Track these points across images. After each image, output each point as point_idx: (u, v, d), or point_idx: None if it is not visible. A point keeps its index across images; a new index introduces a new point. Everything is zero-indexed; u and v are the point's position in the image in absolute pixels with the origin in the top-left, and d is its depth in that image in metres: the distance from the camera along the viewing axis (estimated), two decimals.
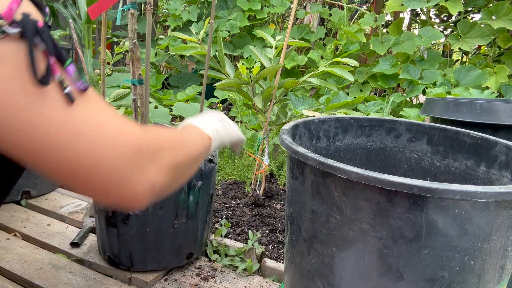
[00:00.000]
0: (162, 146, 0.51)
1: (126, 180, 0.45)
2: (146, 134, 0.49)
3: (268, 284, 1.05)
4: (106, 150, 0.44)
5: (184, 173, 0.58)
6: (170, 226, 1.01)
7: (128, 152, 0.45)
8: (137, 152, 0.46)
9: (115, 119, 0.46)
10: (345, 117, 0.94)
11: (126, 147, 0.45)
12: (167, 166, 0.50)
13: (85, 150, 0.42)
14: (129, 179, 0.45)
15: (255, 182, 1.53)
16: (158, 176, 0.49)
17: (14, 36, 0.39)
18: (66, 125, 0.41)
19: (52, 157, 0.42)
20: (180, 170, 0.54)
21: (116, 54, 1.73)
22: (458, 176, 0.84)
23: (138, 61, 0.92)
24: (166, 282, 1.03)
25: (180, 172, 0.55)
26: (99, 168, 0.43)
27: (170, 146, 0.53)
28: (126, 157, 0.45)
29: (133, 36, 0.89)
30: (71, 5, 3.36)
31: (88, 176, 0.43)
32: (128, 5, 0.88)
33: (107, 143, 0.44)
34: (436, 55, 2.81)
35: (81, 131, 0.42)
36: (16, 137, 0.40)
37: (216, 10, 3.39)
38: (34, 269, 1.04)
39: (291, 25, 1.32)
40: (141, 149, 0.47)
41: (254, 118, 2.25)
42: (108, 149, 0.44)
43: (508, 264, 0.58)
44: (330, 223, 0.60)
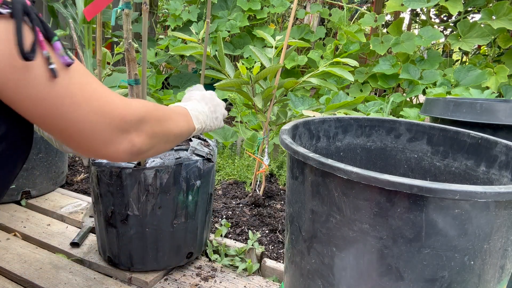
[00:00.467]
0: (144, 117, 0.60)
1: (112, 140, 0.55)
2: (131, 104, 0.59)
3: (268, 284, 1.05)
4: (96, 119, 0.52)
5: (163, 143, 0.68)
6: (169, 226, 1.01)
7: (114, 119, 0.54)
8: (122, 119, 0.55)
9: (102, 91, 0.54)
10: (345, 117, 0.94)
11: (112, 115, 0.54)
12: (146, 133, 0.61)
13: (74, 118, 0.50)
14: (114, 140, 0.55)
15: (255, 182, 1.53)
16: (137, 139, 0.59)
17: (5, 15, 0.43)
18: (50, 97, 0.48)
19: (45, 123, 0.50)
20: (158, 139, 0.65)
21: (116, 54, 1.73)
22: (458, 176, 0.84)
23: (134, 61, 0.91)
24: (166, 282, 1.03)
25: (158, 141, 0.65)
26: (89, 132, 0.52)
27: (152, 119, 0.63)
28: (113, 123, 0.54)
29: (128, 36, 0.89)
30: (71, 5, 3.36)
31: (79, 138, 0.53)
32: (123, 5, 0.88)
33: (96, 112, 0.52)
34: (436, 55, 2.81)
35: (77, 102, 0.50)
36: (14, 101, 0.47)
37: (216, 10, 3.39)
38: (34, 269, 1.04)
39: (291, 25, 1.32)
40: (125, 117, 0.56)
41: (254, 118, 2.25)
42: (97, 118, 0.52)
43: (508, 264, 0.58)
44: (330, 223, 0.60)
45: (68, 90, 0.49)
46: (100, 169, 0.96)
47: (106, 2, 0.89)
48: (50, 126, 0.50)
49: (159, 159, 0.97)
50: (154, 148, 0.65)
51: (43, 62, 0.46)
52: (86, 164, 0.99)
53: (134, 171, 0.93)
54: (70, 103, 0.49)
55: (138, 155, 0.61)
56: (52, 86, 0.47)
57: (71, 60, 0.49)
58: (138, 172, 0.94)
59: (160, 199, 0.97)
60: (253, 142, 1.88)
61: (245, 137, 1.93)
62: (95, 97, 0.52)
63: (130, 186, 0.95)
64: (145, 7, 0.88)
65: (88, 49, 3.06)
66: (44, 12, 3.43)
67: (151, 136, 0.62)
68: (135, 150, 0.59)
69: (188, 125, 0.79)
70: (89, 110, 0.51)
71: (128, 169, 0.93)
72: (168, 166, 0.96)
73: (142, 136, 0.60)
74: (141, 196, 0.95)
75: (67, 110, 0.49)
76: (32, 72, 0.45)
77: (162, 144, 0.68)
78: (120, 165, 0.94)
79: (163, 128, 0.67)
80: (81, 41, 3.21)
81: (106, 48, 1.64)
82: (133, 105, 0.60)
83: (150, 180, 0.95)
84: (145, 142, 0.61)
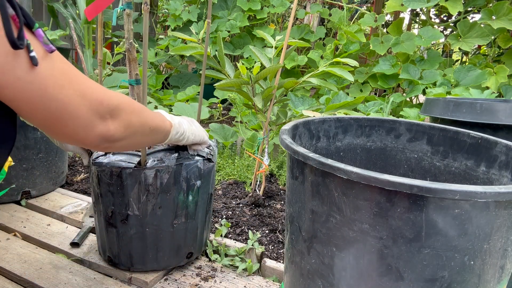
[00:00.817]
0: (120, 105, 0.63)
1: (90, 123, 0.57)
2: (109, 92, 0.61)
3: (268, 284, 1.05)
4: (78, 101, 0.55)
5: (138, 135, 0.70)
6: (170, 226, 1.01)
7: (93, 102, 0.57)
8: (100, 103, 0.58)
9: (82, 76, 0.57)
10: (345, 117, 0.94)
11: (91, 97, 0.57)
12: (121, 121, 0.63)
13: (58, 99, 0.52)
14: (92, 123, 0.58)
15: (255, 182, 1.53)
16: (112, 127, 0.61)
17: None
18: (35, 82, 0.49)
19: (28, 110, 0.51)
20: (133, 129, 0.67)
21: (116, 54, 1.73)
22: (458, 176, 0.84)
23: (135, 61, 0.92)
24: (166, 282, 1.03)
25: (133, 132, 0.67)
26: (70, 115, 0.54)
27: (128, 109, 0.65)
28: (92, 106, 0.57)
29: (129, 36, 0.89)
30: (71, 5, 3.36)
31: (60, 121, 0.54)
32: (124, 5, 0.88)
33: (78, 94, 0.55)
34: (436, 55, 2.81)
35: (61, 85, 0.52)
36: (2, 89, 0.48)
37: (216, 10, 3.38)
38: (34, 269, 1.04)
39: (291, 25, 1.32)
40: (103, 101, 0.59)
41: (254, 118, 2.25)
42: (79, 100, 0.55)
43: (508, 264, 0.58)
44: (330, 223, 0.60)
45: (52, 75, 0.51)
46: (100, 169, 0.96)
47: (107, 2, 0.89)
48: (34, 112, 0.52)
49: (161, 159, 0.97)
50: (129, 138, 0.67)
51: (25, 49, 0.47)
52: (86, 164, 0.99)
53: (135, 171, 0.93)
54: (54, 86, 0.51)
55: (112, 142, 0.62)
56: (35, 72, 0.49)
57: (54, 47, 0.51)
58: (139, 172, 0.94)
59: (160, 199, 0.97)
60: (253, 142, 1.88)
61: (245, 137, 1.94)
62: (76, 81, 0.55)
63: (131, 186, 0.95)
64: (146, 7, 0.88)
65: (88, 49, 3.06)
66: (44, 12, 3.44)
67: (126, 125, 0.65)
68: (109, 135, 0.61)
69: (164, 122, 0.81)
70: (72, 92, 0.53)
71: (128, 169, 0.93)
72: (169, 166, 0.96)
73: (117, 123, 0.62)
74: (142, 196, 0.95)
75: (52, 93, 0.51)
76: (17, 60, 0.46)
77: (137, 136, 0.70)
78: (121, 165, 0.94)
79: (139, 119, 0.69)
80: (81, 41, 3.21)
81: (106, 48, 1.64)
82: (110, 93, 0.62)
83: (151, 180, 0.95)
84: (120, 129, 0.63)
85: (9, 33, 0.44)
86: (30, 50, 0.47)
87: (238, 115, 2.22)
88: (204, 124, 2.68)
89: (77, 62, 3.49)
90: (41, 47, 0.50)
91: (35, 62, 0.48)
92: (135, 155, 0.97)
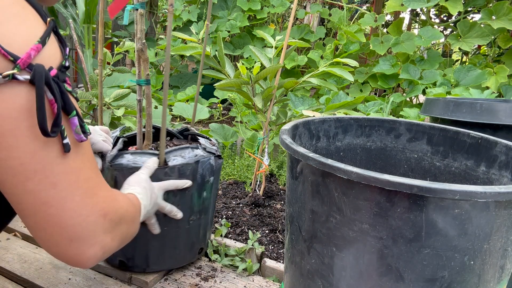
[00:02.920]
0: (122, 218, 0.56)
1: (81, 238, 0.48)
2: (115, 201, 0.54)
3: (268, 284, 1.05)
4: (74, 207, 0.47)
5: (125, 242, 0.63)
6: (186, 223, 1.02)
7: (95, 214, 0.49)
8: (102, 216, 0.50)
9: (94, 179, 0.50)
10: (345, 117, 0.94)
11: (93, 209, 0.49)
12: (120, 235, 0.56)
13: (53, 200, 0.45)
14: (87, 237, 0.49)
15: (255, 182, 1.53)
16: (111, 242, 0.53)
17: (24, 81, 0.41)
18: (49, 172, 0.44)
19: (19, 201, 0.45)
20: (125, 241, 0.61)
21: (116, 54, 1.73)
22: (458, 176, 0.84)
23: (147, 61, 0.92)
24: (166, 282, 1.03)
25: (124, 242, 0.61)
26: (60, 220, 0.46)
27: (127, 220, 0.59)
28: (91, 218, 0.49)
29: (141, 36, 0.89)
30: (71, 5, 3.36)
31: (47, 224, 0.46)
32: (137, 4, 0.89)
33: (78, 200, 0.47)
34: (436, 55, 2.81)
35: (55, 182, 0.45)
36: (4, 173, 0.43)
37: (216, 10, 3.39)
38: (34, 269, 1.04)
39: (291, 25, 1.32)
40: (107, 214, 0.51)
41: (254, 118, 2.25)
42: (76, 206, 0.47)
43: (508, 264, 0.58)
44: (330, 223, 0.60)
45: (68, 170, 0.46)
46: (120, 171, 0.92)
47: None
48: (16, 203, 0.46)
49: (181, 157, 0.97)
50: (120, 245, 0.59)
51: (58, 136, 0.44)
52: (101, 168, 0.96)
53: (157, 171, 0.93)
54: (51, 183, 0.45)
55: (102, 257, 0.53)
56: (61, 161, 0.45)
57: (85, 138, 0.47)
58: (161, 171, 0.93)
59: (179, 197, 0.97)
60: (253, 142, 1.88)
61: (245, 137, 1.94)
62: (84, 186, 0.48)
63: None
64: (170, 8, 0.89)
65: (88, 49, 3.06)
66: None
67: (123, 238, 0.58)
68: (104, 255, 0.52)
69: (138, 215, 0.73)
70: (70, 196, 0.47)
71: (135, 165, 0.92)
72: (189, 164, 0.96)
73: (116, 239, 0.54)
74: (163, 195, 0.96)
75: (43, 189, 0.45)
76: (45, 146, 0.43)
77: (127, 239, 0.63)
78: (138, 164, 0.92)
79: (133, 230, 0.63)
80: (81, 41, 3.21)
81: (106, 48, 1.64)
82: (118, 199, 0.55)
83: (173, 178, 0.95)
84: (116, 246, 0.55)
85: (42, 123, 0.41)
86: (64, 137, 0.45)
87: (238, 115, 2.22)
88: (204, 124, 2.69)
89: (77, 62, 3.49)
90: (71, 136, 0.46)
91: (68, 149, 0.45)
92: (153, 154, 0.96)
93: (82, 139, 0.47)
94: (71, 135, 0.46)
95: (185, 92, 2.83)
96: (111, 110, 1.62)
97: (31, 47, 0.41)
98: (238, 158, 1.88)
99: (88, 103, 1.64)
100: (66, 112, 0.45)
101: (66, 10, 3.30)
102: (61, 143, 0.45)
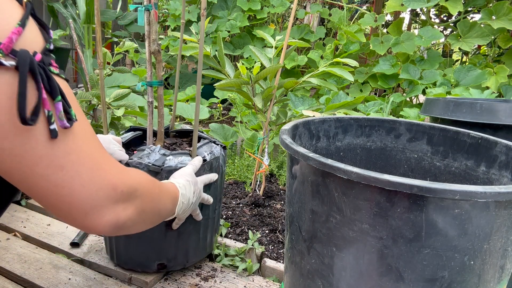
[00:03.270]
0: (137, 191, 0.57)
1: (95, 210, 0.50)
2: (125, 175, 0.55)
3: (268, 284, 1.05)
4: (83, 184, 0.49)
5: (148, 220, 0.64)
6: (213, 212, 1.06)
7: (103, 187, 0.50)
8: (112, 188, 0.51)
9: (97, 155, 0.51)
10: (345, 117, 0.94)
11: (102, 183, 0.50)
12: (135, 208, 0.56)
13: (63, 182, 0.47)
14: (98, 210, 0.51)
15: (255, 182, 1.53)
16: (124, 213, 0.54)
17: (10, 67, 0.40)
18: (48, 158, 0.45)
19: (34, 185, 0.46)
20: (144, 216, 0.61)
21: (116, 54, 1.73)
22: (458, 176, 0.84)
23: (161, 62, 0.94)
24: (166, 282, 1.03)
25: (144, 218, 0.61)
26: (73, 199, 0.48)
27: (144, 194, 0.59)
28: (101, 191, 0.50)
29: (156, 37, 0.90)
30: (71, 5, 3.36)
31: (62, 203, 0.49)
32: (148, 5, 0.90)
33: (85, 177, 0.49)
34: (436, 55, 2.81)
35: (61, 165, 0.47)
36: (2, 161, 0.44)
37: (216, 10, 3.38)
38: (34, 269, 1.04)
39: (291, 25, 1.32)
40: (117, 186, 0.52)
41: (254, 118, 2.25)
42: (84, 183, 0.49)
43: (508, 264, 0.58)
44: (330, 223, 0.60)
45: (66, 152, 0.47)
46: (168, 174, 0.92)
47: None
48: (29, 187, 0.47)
49: (210, 153, 1.01)
50: (136, 226, 0.60)
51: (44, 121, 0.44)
52: None
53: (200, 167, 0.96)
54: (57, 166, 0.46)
55: (120, 230, 0.56)
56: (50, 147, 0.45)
57: (68, 124, 0.47)
58: (202, 167, 0.96)
59: (213, 188, 1.02)
60: (253, 142, 1.88)
61: (245, 137, 1.94)
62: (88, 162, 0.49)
63: None
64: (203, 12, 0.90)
65: (88, 49, 3.06)
66: (44, 12, 3.44)
67: (139, 212, 0.58)
68: (120, 224, 0.54)
69: (172, 209, 0.77)
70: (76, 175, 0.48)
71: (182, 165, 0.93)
72: (217, 157, 1.02)
73: (130, 210, 0.56)
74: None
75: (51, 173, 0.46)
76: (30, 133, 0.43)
77: (147, 223, 0.64)
78: (186, 163, 0.93)
79: (154, 207, 0.64)
80: (81, 41, 3.21)
81: (106, 48, 1.64)
82: (130, 173, 0.57)
83: (207, 172, 0.99)
84: (132, 217, 0.56)
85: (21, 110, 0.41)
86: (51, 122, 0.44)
87: (238, 115, 2.22)
88: (204, 124, 2.69)
89: (77, 62, 3.49)
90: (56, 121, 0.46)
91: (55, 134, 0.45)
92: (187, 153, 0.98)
93: (65, 125, 0.46)
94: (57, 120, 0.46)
95: (185, 92, 2.83)
96: (111, 110, 1.62)
97: (11, 30, 0.40)
98: (238, 158, 1.88)
99: (88, 103, 1.64)
100: (52, 96, 0.45)
101: (66, 10, 3.30)
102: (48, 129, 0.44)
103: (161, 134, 1.03)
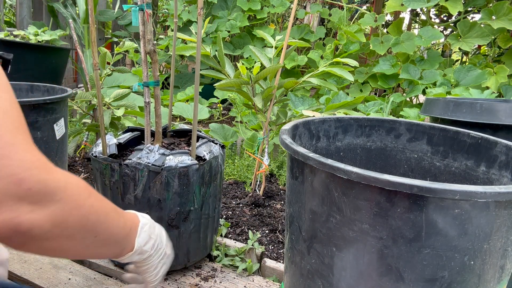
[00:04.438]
0: (56, 195, 0.44)
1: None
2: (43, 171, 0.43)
3: (268, 284, 1.05)
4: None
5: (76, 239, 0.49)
6: (213, 211, 1.07)
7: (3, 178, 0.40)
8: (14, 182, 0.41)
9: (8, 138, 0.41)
10: (345, 117, 0.94)
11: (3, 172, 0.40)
12: (49, 215, 0.44)
13: None
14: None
15: (255, 182, 1.53)
16: (29, 216, 0.42)
17: None
18: None
19: None
20: (67, 231, 0.47)
21: (116, 54, 1.73)
22: (458, 176, 0.84)
23: (157, 63, 0.94)
24: (166, 282, 1.03)
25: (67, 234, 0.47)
26: None
27: (69, 202, 0.46)
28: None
29: (151, 37, 0.90)
30: (71, 5, 3.36)
31: None
32: (142, 5, 0.89)
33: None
34: (436, 55, 2.81)
35: None
36: None
37: (216, 10, 3.38)
38: (34, 269, 1.04)
39: (291, 25, 1.32)
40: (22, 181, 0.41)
41: (254, 118, 2.25)
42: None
43: (508, 264, 0.58)
44: (330, 223, 0.60)
45: None
46: (169, 173, 0.92)
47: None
48: None
49: (210, 151, 1.01)
50: (55, 241, 0.46)
51: None
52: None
53: (200, 166, 0.96)
54: None
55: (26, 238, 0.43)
56: None
57: None
58: (202, 166, 0.97)
59: (212, 187, 1.02)
60: (253, 142, 1.88)
61: (245, 137, 1.94)
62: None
63: (195, 182, 0.97)
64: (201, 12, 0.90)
65: (88, 49, 3.06)
66: (44, 12, 3.44)
67: (57, 222, 0.45)
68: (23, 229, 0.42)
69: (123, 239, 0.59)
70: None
71: (195, 165, 0.95)
72: (217, 156, 1.02)
73: (40, 215, 0.43)
74: (202, 188, 0.99)
75: None
76: None
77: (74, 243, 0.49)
78: (186, 163, 0.94)
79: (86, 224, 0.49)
80: (81, 41, 3.21)
81: (106, 48, 1.64)
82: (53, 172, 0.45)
83: (207, 171, 0.99)
84: (42, 226, 0.43)
85: None
86: None
87: (238, 115, 2.22)
88: (204, 124, 2.69)
89: (77, 62, 3.49)
90: None
91: None
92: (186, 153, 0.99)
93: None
94: None
95: (185, 92, 2.83)
96: (111, 110, 1.62)
97: None
98: (238, 158, 1.88)
99: (88, 103, 1.64)
100: None
101: (66, 10, 3.30)
102: None
103: (159, 134, 1.03)
